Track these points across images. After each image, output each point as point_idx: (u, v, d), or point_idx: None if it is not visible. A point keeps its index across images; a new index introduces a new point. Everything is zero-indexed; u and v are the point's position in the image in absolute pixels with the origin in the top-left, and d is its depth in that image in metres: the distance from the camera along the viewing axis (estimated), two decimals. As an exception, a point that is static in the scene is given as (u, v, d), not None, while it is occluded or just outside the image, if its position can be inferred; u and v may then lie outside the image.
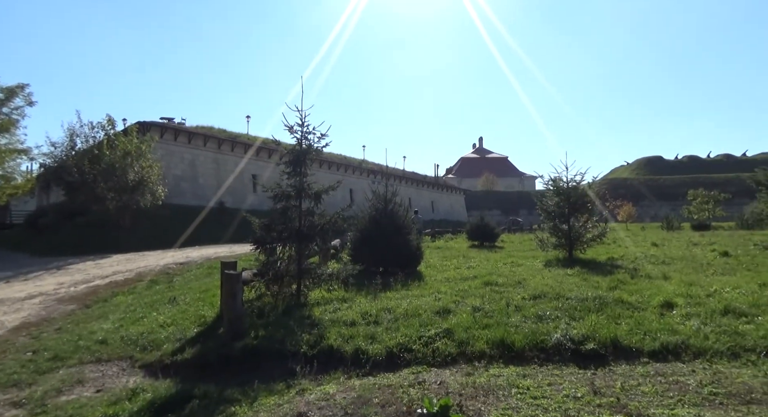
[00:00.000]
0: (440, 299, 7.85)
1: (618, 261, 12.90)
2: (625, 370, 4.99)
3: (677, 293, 7.86)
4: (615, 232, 25.93)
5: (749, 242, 16.90)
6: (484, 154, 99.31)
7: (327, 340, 6.05)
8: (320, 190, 8.61)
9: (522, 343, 5.58)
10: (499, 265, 12.46)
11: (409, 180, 47.41)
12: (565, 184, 14.50)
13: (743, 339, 5.51)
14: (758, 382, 4.39)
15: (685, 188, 48.40)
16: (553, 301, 7.45)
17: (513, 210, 61.80)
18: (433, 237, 25.61)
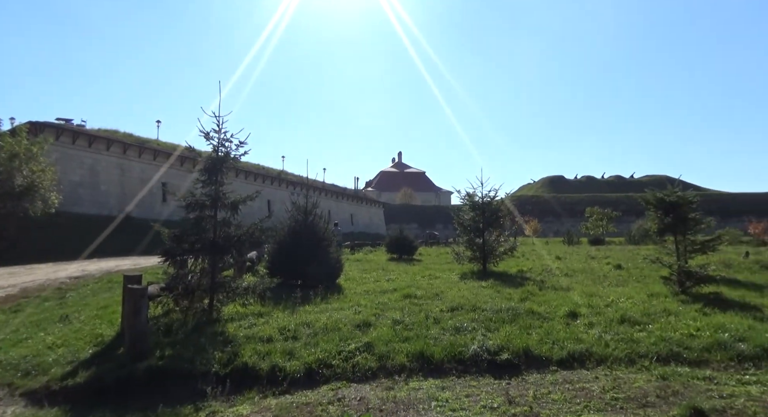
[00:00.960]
0: (360, 312, 7.77)
1: (527, 273, 13.62)
2: (537, 378, 5.20)
3: (580, 304, 8.40)
4: (525, 246, 27.51)
5: (638, 256, 18.62)
6: (403, 168, 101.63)
7: (241, 357, 5.72)
8: (237, 200, 8.23)
9: (441, 356, 5.64)
10: (417, 278, 12.64)
11: (329, 192, 47.16)
12: (480, 200, 15.12)
13: (638, 346, 5.99)
14: (652, 387, 4.76)
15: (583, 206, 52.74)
16: (470, 313, 7.66)
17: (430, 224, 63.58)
18: (352, 249, 25.54)
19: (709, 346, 5.88)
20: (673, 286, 9.84)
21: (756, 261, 14.54)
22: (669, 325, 6.87)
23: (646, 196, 10.60)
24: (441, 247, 31.16)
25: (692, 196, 10.25)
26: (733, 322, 6.87)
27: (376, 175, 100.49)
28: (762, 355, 5.62)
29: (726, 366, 5.43)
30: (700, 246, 10.76)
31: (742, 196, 71.57)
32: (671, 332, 6.48)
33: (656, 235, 11.44)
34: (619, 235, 42.49)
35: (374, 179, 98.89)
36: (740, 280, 11.63)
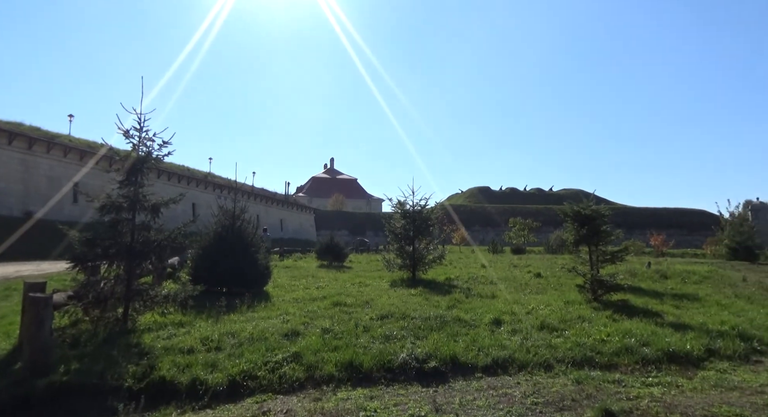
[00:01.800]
0: (288, 321, 7.57)
1: (455, 281, 13.99)
2: (463, 385, 5.31)
3: (504, 311, 8.74)
4: (452, 254, 28.28)
5: (555, 265, 19.74)
6: (335, 174, 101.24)
7: (158, 370, 5.35)
8: (159, 203, 7.75)
9: (370, 364, 5.61)
10: (347, 285, 12.57)
11: (258, 196, 45.89)
12: (411, 208, 15.37)
13: (555, 351, 6.30)
14: (568, 390, 5.02)
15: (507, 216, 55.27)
16: (400, 321, 7.71)
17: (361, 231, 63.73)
18: (281, 256, 24.99)
19: (618, 351, 6.31)
20: (587, 293, 10.51)
21: (656, 271, 15.91)
22: (583, 331, 7.30)
23: (565, 209, 11.28)
24: (371, 254, 31.33)
25: (605, 210, 11.03)
26: (638, 327, 7.43)
27: (308, 181, 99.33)
28: (663, 358, 6.11)
29: (632, 369, 5.84)
30: (610, 256, 11.59)
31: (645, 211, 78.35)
32: (585, 338, 6.88)
33: (572, 246, 12.18)
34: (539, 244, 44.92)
35: (305, 185, 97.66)
36: (644, 288, 12.65)
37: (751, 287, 12.91)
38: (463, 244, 48.22)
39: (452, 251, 33.61)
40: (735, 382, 5.31)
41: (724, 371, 5.78)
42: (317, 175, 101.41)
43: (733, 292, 12.00)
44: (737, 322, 7.98)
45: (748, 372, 5.77)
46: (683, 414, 4.33)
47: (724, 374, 5.65)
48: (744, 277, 15.01)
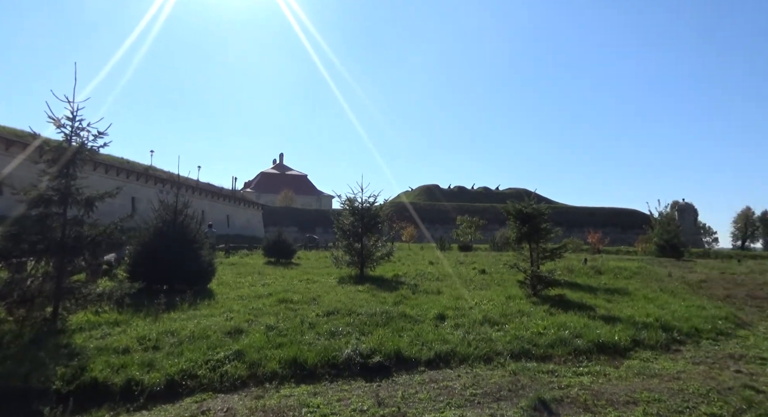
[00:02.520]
0: (232, 319, 7.42)
1: (402, 278, 14.15)
2: (406, 379, 5.42)
3: (448, 306, 8.95)
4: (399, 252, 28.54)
5: (499, 262, 20.39)
6: (284, 170, 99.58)
7: (90, 372, 5.11)
8: (93, 197, 7.37)
9: (314, 361, 5.61)
10: (294, 282, 12.45)
11: (203, 191, 44.37)
12: (360, 205, 15.40)
13: (495, 344, 6.54)
14: (505, 382, 5.23)
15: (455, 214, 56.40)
16: (346, 317, 7.73)
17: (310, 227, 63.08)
18: (227, 252, 24.34)
19: (553, 343, 6.63)
20: (527, 289, 10.95)
21: (591, 267, 16.77)
22: (522, 324, 7.61)
23: (508, 207, 11.68)
24: (321, 251, 31.11)
25: (545, 209, 11.51)
26: (572, 320, 7.83)
27: (256, 176, 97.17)
28: (593, 349, 6.48)
29: (566, 360, 6.16)
30: (549, 253, 12.11)
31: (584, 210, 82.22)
32: (523, 331, 7.18)
33: (514, 243, 12.63)
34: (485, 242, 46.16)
35: (254, 180, 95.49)
36: (579, 283, 13.31)
37: (675, 282, 13.87)
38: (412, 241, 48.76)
39: (401, 248, 33.96)
40: (656, 370, 5.72)
41: (647, 360, 6.21)
42: (266, 170, 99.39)
43: (659, 286, 12.86)
44: (661, 314, 8.57)
45: (668, 360, 6.23)
46: (608, 400, 4.62)
47: (646, 363, 6.07)
48: (669, 272, 16.09)
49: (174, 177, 36.34)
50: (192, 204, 12.34)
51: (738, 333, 7.82)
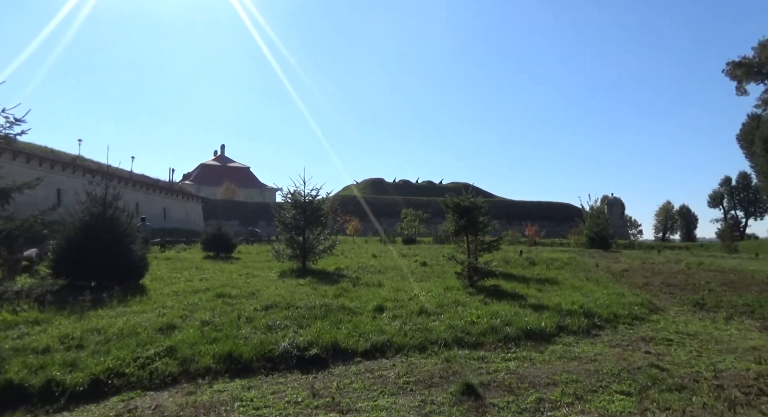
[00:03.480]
0: (165, 315, 7.21)
1: (344, 271, 14.21)
2: (342, 370, 5.50)
3: (387, 298, 9.11)
4: (345, 245, 28.60)
5: (441, 254, 20.91)
6: (226, 162, 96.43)
7: (4, 373, 4.82)
8: (9, 187, 6.87)
9: (250, 355, 5.57)
10: (234, 277, 12.21)
11: (137, 183, 42.23)
12: (303, 198, 15.28)
13: (431, 334, 6.74)
14: (438, 369, 5.43)
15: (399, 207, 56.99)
16: (284, 311, 7.70)
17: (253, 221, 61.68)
18: (163, 247, 23.39)
19: (485, 331, 6.93)
20: (464, 280, 11.32)
21: (526, 258, 17.56)
22: (457, 314, 7.89)
23: (446, 201, 12.00)
24: (263, 245, 30.57)
25: (481, 202, 11.92)
26: (504, 309, 8.21)
27: (196, 168, 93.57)
28: (521, 336, 6.84)
29: (495, 346, 6.46)
30: (487, 245, 12.57)
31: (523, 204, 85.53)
32: (458, 320, 7.44)
33: (453, 236, 13.00)
34: (429, 235, 47.06)
35: (193, 172, 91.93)
36: (514, 274, 13.91)
37: (601, 272, 14.81)
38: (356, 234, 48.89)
39: (346, 241, 33.99)
40: (576, 353, 6.13)
41: (569, 344, 6.63)
42: (206, 162, 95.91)
43: (586, 276, 13.68)
44: (585, 302, 9.15)
45: (587, 344, 6.68)
46: (531, 383, 4.92)
47: (568, 347, 6.48)
48: (597, 263, 17.14)
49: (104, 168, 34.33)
50: (124, 196, 11.81)
51: (651, 318, 8.50)
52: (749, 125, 53.74)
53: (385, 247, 31.03)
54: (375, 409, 4.26)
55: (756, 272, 13.89)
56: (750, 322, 8.36)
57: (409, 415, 4.14)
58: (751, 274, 13.57)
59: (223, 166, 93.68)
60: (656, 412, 4.12)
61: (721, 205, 67.76)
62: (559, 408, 4.28)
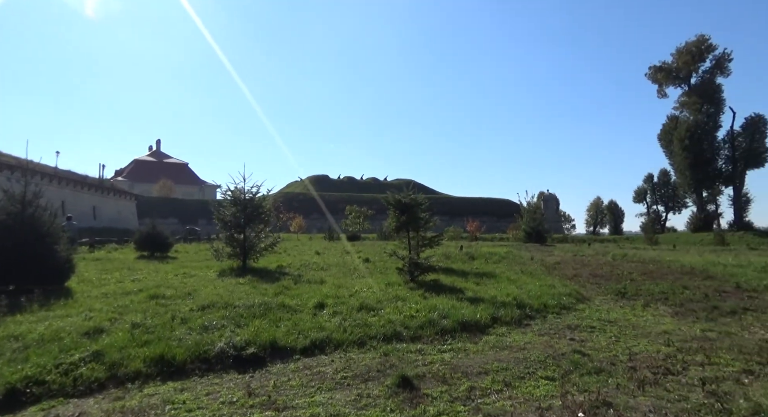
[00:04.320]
0: (92, 318, 6.87)
1: (286, 269, 14.06)
2: (280, 368, 5.47)
3: (329, 295, 9.12)
4: (289, 242, 28.23)
5: (383, 251, 21.13)
6: (162, 158, 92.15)
7: None
8: None
9: (184, 357, 5.42)
10: (169, 277, 11.77)
11: (63, 180, 39.55)
12: (243, 195, 14.94)
13: (370, 329, 6.84)
14: (375, 363, 5.53)
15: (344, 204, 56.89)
16: (221, 311, 7.54)
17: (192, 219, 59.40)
18: (92, 247, 22.11)
19: (423, 324, 7.10)
20: (405, 275, 11.52)
21: (466, 253, 18.10)
22: (397, 309, 8.03)
23: (388, 198, 12.16)
24: (202, 244, 29.61)
25: (422, 199, 12.18)
26: (442, 303, 8.44)
27: (129, 164, 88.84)
28: (457, 328, 7.07)
29: (432, 339, 6.65)
30: (428, 241, 12.86)
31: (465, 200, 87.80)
32: (397, 315, 7.59)
33: (394, 232, 13.19)
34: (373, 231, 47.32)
35: (126, 168, 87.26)
36: (454, 268, 14.32)
37: (535, 264, 15.52)
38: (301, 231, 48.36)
39: (289, 239, 33.55)
40: (508, 343, 6.43)
41: (502, 335, 6.94)
42: (141, 157, 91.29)
43: (521, 269, 14.31)
44: (518, 293, 9.58)
45: (519, 333, 7.02)
46: (464, 373, 5.12)
47: (501, 337, 6.79)
48: (532, 256, 17.94)
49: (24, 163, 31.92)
50: (47, 194, 11.10)
51: (578, 307, 9.04)
52: (668, 126, 57.92)
53: (330, 244, 30.92)
54: (311, 405, 4.29)
55: (672, 262, 15.07)
56: (664, 308, 9.09)
57: (345, 409, 4.20)
58: (667, 264, 14.71)
59: (159, 161, 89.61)
60: (576, 394, 4.42)
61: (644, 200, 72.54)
62: (489, 395, 4.49)
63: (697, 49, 54.52)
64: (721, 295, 10.19)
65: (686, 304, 9.31)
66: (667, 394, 4.43)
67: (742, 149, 53.64)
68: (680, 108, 57.40)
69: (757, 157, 52.99)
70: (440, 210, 61.53)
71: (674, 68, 56.67)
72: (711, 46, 54.32)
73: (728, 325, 7.67)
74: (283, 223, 44.47)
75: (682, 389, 4.55)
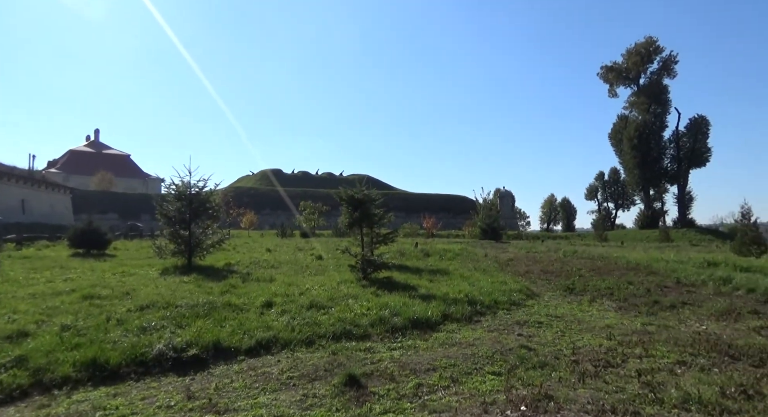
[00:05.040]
0: (15, 321, 6.52)
1: (234, 266, 13.79)
2: (223, 370, 5.39)
3: (278, 293, 9.04)
4: (240, 239, 27.67)
5: (337, 248, 21.06)
6: (101, 148, 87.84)
7: None
8: None
9: (118, 360, 5.24)
10: (106, 276, 11.30)
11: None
12: (189, 189, 14.51)
13: (319, 328, 6.83)
14: (323, 362, 5.53)
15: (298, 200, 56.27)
16: (162, 311, 7.33)
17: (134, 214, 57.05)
18: (19, 244, 20.87)
19: (374, 322, 7.17)
20: (358, 273, 11.55)
21: (421, 250, 18.33)
22: (347, 307, 8.05)
23: (340, 193, 12.13)
24: (144, 241, 28.53)
25: (375, 194, 12.23)
26: (394, 300, 8.52)
27: (64, 155, 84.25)
28: (408, 325, 7.18)
29: (383, 337, 6.72)
30: (382, 238, 12.93)
31: (421, 196, 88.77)
32: (348, 313, 7.61)
33: (347, 228, 13.19)
34: (328, 228, 47.07)
35: (61, 159, 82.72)
36: (408, 265, 14.48)
37: (489, 261, 15.93)
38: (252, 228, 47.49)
39: (240, 236, 32.90)
40: (457, 339, 6.59)
41: (452, 331, 7.09)
42: (77, 148, 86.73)
43: (474, 266, 14.65)
44: (470, 290, 9.82)
45: (469, 330, 7.20)
46: (412, 370, 5.21)
47: (451, 334, 6.94)
48: (486, 253, 18.38)
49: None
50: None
51: (527, 303, 9.36)
52: (618, 125, 60.71)
53: (282, 241, 30.53)
54: (254, 407, 4.24)
55: (619, 259, 15.83)
56: (609, 303, 9.55)
57: (289, 410, 4.18)
58: (614, 261, 15.44)
59: (98, 153, 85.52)
60: (520, 388, 4.59)
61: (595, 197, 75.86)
62: (436, 391, 4.59)
63: (645, 50, 57.41)
64: (662, 290, 10.81)
65: (630, 299, 9.82)
66: (606, 385, 4.67)
67: (686, 149, 57.00)
68: (630, 108, 60.29)
69: (699, 157, 56.50)
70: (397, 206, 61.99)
71: (624, 68, 59.43)
72: (658, 48, 57.35)
73: (667, 319, 8.15)
74: (233, 219, 43.56)
75: (620, 381, 4.82)
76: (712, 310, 8.70)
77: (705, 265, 14.24)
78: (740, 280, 11.07)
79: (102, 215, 49.02)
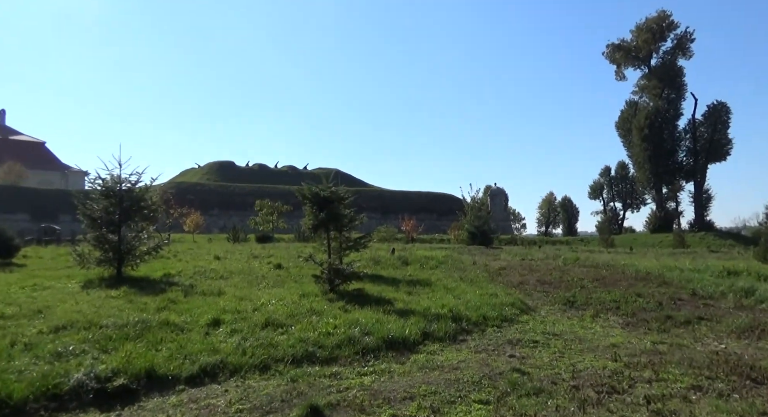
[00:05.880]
0: None
1: (175, 277, 13.57)
2: (158, 403, 5.29)
3: (227, 309, 8.94)
4: (183, 244, 27.26)
5: (300, 254, 20.95)
6: (8, 134, 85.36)
7: None
8: None
9: (25, 394, 5.08)
10: (12, 290, 10.99)
11: None
12: (119, 185, 14.22)
13: (276, 350, 6.78)
14: (280, 391, 5.49)
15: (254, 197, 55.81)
16: (82, 332, 7.17)
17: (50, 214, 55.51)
18: None
19: (341, 343, 7.16)
20: (324, 284, 11.50)
21: (399, 257, 18.39)
22: (311, 325, 8.01)
23: (303, 190, 12.05)
24: (63, 247, 27.84)
25: (345, 192, 12.20)
26: (366, 317, 8.53)
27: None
28: (382, 346, 7.20)
29: (352, 360, 6.71)
30: (353, 243, 12.92)
31: (402, 194, 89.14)
32: (311, 332, 7.58)
33: (311, 232, 13.13)
34: (290, 231, 46.74)
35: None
36: (384, 275, 14.50)
37: (477, 270, 16.08)
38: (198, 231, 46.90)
39: (183, 240, 32.43)
40: (439, 362, 6.63)
41: (433, 353, 7.14)
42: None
43: (461, 275, 14.77)
44: (455, 304, 9.89)
45: (453, 351, 7.26)
46: (386, 399, 5.21)
47: (432, 356, 6.98)
48: (474, 261, 18.56)
49: None
50: None
51: (521, 318, 9.49)
52: (627, 113, 62.14)
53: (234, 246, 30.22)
54: (195, 448, 4.17)
55: (627, 267, 16.19)
56: (614, 319, 9.76)
57: (237, 450, 4.12)
58: (622, 269, 15.79)
59: (4, 138, 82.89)
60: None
61: (601, 196, 77.40)
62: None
63: (657, 26, 58.76)
64: (676, 304, 11.09)
65: (638, 314, 10.04)
66: (610, 415, 4.76)
67: (703, 140, 58.57)
68: (639, 92, 61.74)
69: (718, 150, 58.09)
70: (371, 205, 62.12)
71: (633, 47, 60.77)
72: (672, 23, 58.78)
73: (681, 337, 8.36)
74: (175, 221, 42.86)
75: (626, 409, 4.91)
76: (732, 327, 8.96)
77: (725, 275, 14.67)
78: (765, 292, 11.44)
79: (9, 215, 47.63)
